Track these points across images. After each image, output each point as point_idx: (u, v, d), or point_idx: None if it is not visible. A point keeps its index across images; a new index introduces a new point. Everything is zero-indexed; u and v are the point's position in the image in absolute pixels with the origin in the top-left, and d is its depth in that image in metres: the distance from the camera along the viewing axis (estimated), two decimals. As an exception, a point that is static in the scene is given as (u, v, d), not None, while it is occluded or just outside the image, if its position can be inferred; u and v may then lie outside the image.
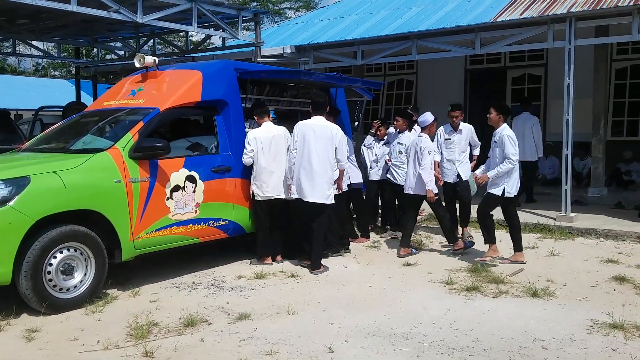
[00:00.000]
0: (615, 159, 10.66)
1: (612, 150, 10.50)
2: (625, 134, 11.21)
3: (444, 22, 9.73)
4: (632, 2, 7.91)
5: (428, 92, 13.56)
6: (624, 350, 4.06)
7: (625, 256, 6.73)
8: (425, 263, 6.59)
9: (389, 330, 4.52)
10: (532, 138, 9.66)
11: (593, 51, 9.96)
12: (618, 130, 11.37)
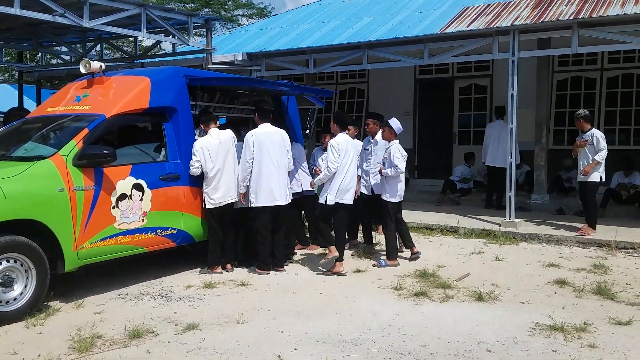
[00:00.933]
0: (556, 166, 11.08)
1: (554, 158, 10.92)
2: (566, 143, 11.65)
3: (394, 33, 9.92)
4: (572, 16, 8.28)
5: (379, 101, 13.74)
6: (564, 352, 4.21)
7: (566, 260, 6.99)
8: (375, 269, 6.67)
9: (339, 336, 4.54)
10: (506, 145, 9.89)
11: (536, 63, 10.34)
12: (559, 139, 11.83)
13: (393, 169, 6.75)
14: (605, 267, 6.57)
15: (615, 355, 4.10)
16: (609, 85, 11.51)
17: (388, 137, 6.98)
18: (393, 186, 6.91)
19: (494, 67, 12.39)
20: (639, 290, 5.66)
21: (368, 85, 14.18)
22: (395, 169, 6.75)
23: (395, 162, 6.74)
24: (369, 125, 7.52)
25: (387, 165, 6.85)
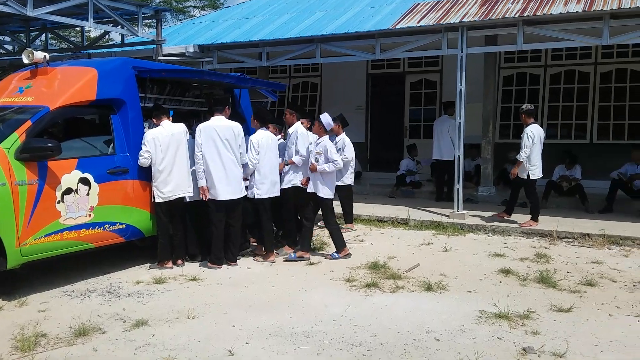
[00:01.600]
0: (503, 160, 11.41)
1: (500, 151, 11.26)
2: (511, 137, 12.04)
3: (347, 27, 9.98)
4: (517, 14, 8.53)
5: (332, 95, 13.83)
6: (508, 339, 4.36)
7: (511, 250, 7.23)
8: (328, 262, 6.72)
9: (291, 329, 4.56)
10: (449, 139, 10.12)
11: (483, 59, 10.60)
12: (505, 133, 12.20)
13: (332, 164, 6.64)
14: (547, 257, 6.84)
15: (557, 341, 4.28)
16: (552, 82, 11.93)
17: (317, 132, 6.83)
18: (329, 182, 6.81)
19: (443, 63, 12.63)
20: (579, 278, 5.91)
21: (321, 79, 14.22)
22: (335, 164, 6.67)
23: (333, 157, 6.64)
24: (286, 115, 7.56)
25: (323, 161, 6.69)
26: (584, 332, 4.47)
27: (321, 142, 6.76)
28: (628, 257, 6.86)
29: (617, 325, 4.63)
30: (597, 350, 4.12)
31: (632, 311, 4.95)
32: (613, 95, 11.42)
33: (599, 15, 8.03)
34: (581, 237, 7.67)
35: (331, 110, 9.69)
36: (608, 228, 7.80)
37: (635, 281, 5.84)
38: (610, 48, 11.13)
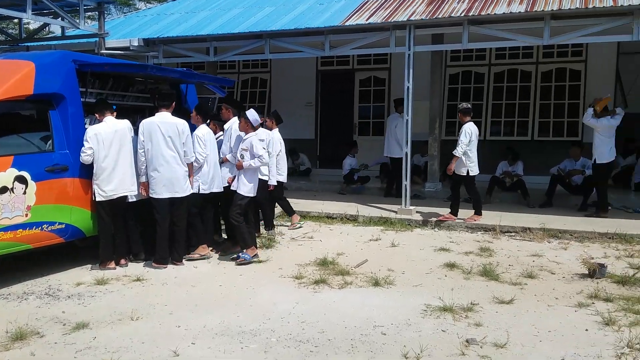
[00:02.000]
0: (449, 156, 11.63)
1: (447, 148, 11.47)
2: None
3: (296, 23, 9.95)
4: (463, 14, 8.72)
5: (281, 91, 13.78)
6: (452, 331, 4.45)
7: (456, 244, 7.39)
8: (277, 259, 6.69)
9: (238, 328, 4.51)
10: (397, 136, 10.23)
11: (430, 57, 10.79)
12: (451, 131, 12.44)
13: (257, 159, 6.42)
14: (490, 250, 7.02)
15: (499, 332, 4.39)
16: (496, 80, 12.27)
17: (244, 128, 6.59)
18: (251, 180, 6.57)
19: (392, 61, 12.78)
20: (520, 271, 6.10)
21: (271, 75, 14.14)
22: (260, 159, 6.44)
23: (258, 152, 6.40)
24: (222, 110, 7.42)
25: (249, 158, 6.47)
26: (524, 323, 4.61)
27: (247, 138, 6.54)
28: (566, 249, 7.13)
29: (555, 316, 4.79)
30: (537, 340, 4.26)
31: (570, 302, 5.14)
32: (553, 94, 11.84)
33: (540, 16, 8.30)
34: (523, 231, 7.92)
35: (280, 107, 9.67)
36: (548, 222, 8.08)
37: (572, 273, 6.07)
38: (551, 48, 11.52)
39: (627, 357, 3.91)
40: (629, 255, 6.73)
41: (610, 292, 5.32)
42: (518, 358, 3.94)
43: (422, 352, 3.99)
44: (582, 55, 11.51)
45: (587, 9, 7.98)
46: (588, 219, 8.46)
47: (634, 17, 7.79)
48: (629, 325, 4.49)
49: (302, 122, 13.49)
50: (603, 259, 6.54)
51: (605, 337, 4.30)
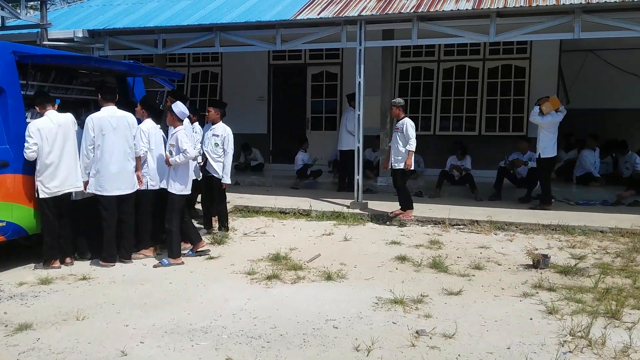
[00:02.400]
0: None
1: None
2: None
3: (247, 17, 9.84)
4: (412, 10, 8.83)
5: (233, 85, 13.62)
6: (403, 323, 4.52)
7: (407, 238, 7.51)
8: (229, 255, 6.62)
9: (188, 326, 4.44)
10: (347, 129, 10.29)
11: (381, 53, 10.89)
12: (402, 126, 12.62)
13: (182, 154, 6.17)
14: (440, 243, 7.17)
15: (447, 323, 4.49)
16: (444, 76, 12.50)
17: (171, 122, 6.35)
18: (183, 176, 6.33)
19: (343, 56, 12.83)
20: (468, 263, 6.25)
21: (222, 68, 13.96)
22: (185, 154, 6.18)
23: (183, 147, 6.16)
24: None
25: (175, 153, 6.23)
26: (472, 313, 4.73)
27: (175, 132, 6.30)
28: (512, 241, 7.35)
29: (501, 306, 4.94)
30: (484, 330, 4.38)
31: (515, 292, 5.31)
32: (499, 90, 12.16)
33: (487, 13, 8.50)
34: (471, 223, 8.12)
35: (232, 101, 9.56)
36: (494, 215, 8.32)
37: (518, 264, 6.26)
38: (497, 45, 11.84)
39: (569, 345, 4.07)
40: (570, 246, 7.00)
41: (554, 281, 5.52)
42: (466, 348, 4.04)
43: (373, 345, 4.04)
44: (526, 53, 11.86)
45: (530, 7, 8.23)
46: (533, 211, 8.75)
47: (574, 15, 8.08)
48: (571, 314, 4.67)
49: (254, 117, 13.39)
50: (547, 250, 6.78)
51: (549, 325, 4.46)
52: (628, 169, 10.82)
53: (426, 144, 11.39)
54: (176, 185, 6.29)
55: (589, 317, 4.53)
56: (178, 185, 6.30)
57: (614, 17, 8.03)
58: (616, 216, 8.27)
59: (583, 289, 5.29)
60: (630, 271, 5.88)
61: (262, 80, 13.55)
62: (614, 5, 7.89)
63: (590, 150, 11.11)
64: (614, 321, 4.50)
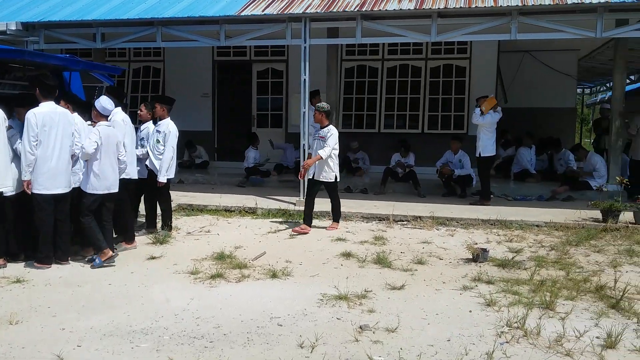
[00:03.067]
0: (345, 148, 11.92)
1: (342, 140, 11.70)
2: (353, 127, 12.64)
3: (190, 11, 9.66)
4: (356, 9, 8.91)
5: (176, 81, 13.36)
6: (347, 318, 4.56)
7: (352, 234, 7.58)
8: (171, 254, 6.49)
9: (128, 328, 4.33)
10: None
11: (326, 51, 10.94)
12: (347, 123, 12.76)
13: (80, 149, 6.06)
14: (384, 239, 7.28)
15: (390, 317, 4.56)
16: (389, 75, 12.68)
17: (96, 117, 6.20)
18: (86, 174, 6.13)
19: (289, 53, 12.81)
20: (411, 258, 6.37)
21: (164, 64, 13.66)
22: (81, 150, 6.03)
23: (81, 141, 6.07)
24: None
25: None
26: (414, 307, 4.83)
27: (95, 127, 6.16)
28: (453, 236, 7.55)
29: (442, 299, 5.06)
30: (425, 323, 4.47)
31: (456, 285, 5.45)
32: (441, 89, 12.45)
33: (428, 13, 8.68)
34: (414, 219, 8.28)
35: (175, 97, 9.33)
36: (436, 211, 8.52)
37: (458, 258, 6.43)
38: (438, 45, 12.11)
39: (506, 336, 4.21)
40: (508, 240, 7.26)
41: (492, 274, 5.70)
42: (408, 341, 4.11)
43: (317, 341, 4.05)
44: (466, 53, 12.19)
45: (470, 8, 8.46)
46: (473, 207, 9.01)
47: (511, 17, 8.36)
48: (508, 306, 4.83)
49: (198, 114, 13.19)
50: (486, 244, 7.00)
51: (487, 317, 4.60)
52: (562, 166, 11.31)
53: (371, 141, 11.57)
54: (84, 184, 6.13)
55: (525, 308, 4.71)
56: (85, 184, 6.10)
57: (548, 19, 8.36)
58: (551, 211, 8.63)
59: (519, 281, 5.48)
60: (564, 263, 6.15)
61: (207, 76, 13.35)
62: (548, 7, 8.22)
63: (526, 147, 11.55)
64: (549, 312, 4.69)
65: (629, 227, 7.67)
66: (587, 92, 25.52)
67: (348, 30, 9.41)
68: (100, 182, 6.07)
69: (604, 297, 5.02)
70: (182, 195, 9.56)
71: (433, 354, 3.91)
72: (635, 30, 8.29)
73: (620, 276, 5.52)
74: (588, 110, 29.24)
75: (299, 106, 10.86)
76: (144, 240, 7.04)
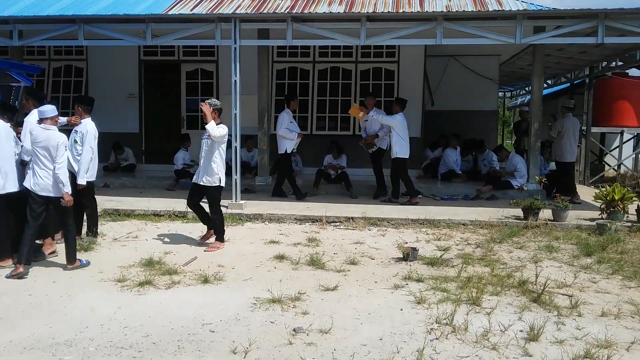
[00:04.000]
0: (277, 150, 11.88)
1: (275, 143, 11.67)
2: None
3: (114, 9, 9.35)
4: (287, 10, 8.90)
5: (100, 81, 12.85)
6: (280, 322, 4.53)
7: (285, 236, 7.56)
8: (97, 262, 6.21)
9: (51, 340, 4.11)
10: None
11: (257, 52, 10.86)
12: (280, 125, 12.70)
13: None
14: (317, 240, 7.30)
15: (324, 319, 4.57)
16: (320, 77, 12.75)
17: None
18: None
19: (219, 53, 12.63)
20: (344, 259, 6.43)
21: (87, 63, 13.10)
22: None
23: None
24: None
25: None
26: (347, 307, 4.87)
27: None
28: (384, 236, 7.68)
29: (375, 298, 5.13)
30: (358, 323, 4.52)
31: (387, 284, 5.54)
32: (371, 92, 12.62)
33: (357, 17, 8.81)
34: (346, 220, 8.36)
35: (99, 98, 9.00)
36: (368, 211, 8.65)
37: (389, 257, 6.55)
38: (368, 48, 12.30)
39: (435, 332, 4.32)
40: (437, 239, 7.47)
41: (422, 273, 5.85)
42: (341, 342, 4.14)
43: (250, 346, 4.00)
44: (395, 57, 12.45)
45: (398, 13, 8.67)
46: (403, 207, 9.21)
47: (437, 22, 8.62)
48: (437, 303, 4.96)
49: (124, 115, 12.75)
50: (415, 243, 7.17)
51: (418, 315, 4.71)
52: (486, 166, 11.79)
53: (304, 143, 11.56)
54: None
55: (453, 304, 4.86)
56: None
57: (471, 25, 8.69)
58: (476, 210, 8.97)
59: (448, 279, 5.65)
60: (489, 260, 6.40)
61: (133, 76, 12.92)
62: (471, 13, 8.55)
63: (452, 149, 11.95)
64: (475, 307, 4.86)
65: (548, 224, 8.10)
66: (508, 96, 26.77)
67: (279, 32, 9.38)
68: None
69: (526, 292, 5.26)
70: (108, 199, 9.20)
71: (366, 354, 3.95)
72: (551, 37, 8.77)
73: (541, 271, 5.81)
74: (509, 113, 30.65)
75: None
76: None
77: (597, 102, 13.23)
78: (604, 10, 8.26)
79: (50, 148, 5.72)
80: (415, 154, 12.32)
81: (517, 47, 12.21)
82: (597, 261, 6.40)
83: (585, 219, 8.37)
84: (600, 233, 7.61)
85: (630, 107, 12.74)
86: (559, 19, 8.67)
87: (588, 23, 8.43)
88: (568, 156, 10.36)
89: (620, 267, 6.13)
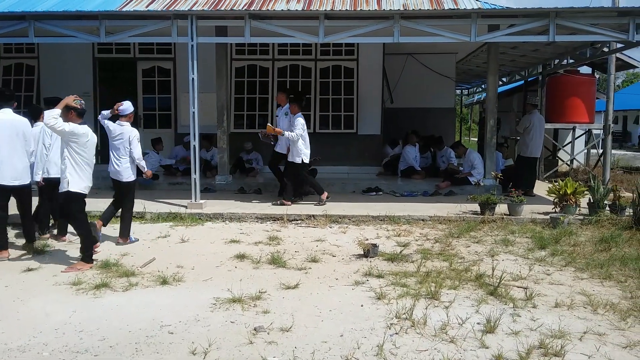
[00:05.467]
0: (238, 149, 11.81)
1: (235, 141, 11.61)
2: (245, 127, 12.53)
3: (66, 5, 9.09)
4: (244, 8, 8.83)
5: (52, 79, 12.47)
6: (241, 321, 4.49)
7: (246, 235, 7.51)
8: (50, 266, 6.04)
9: (3, 345, 3.97)
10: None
11: (215, 49, 10.73)
12: (239, 123, 12.61)
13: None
14: (278, 239, 7.28)
15: (285, 317, 4.56)
16: (280, 74, 12.70)
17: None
18: None
19: (176, 51, 12.43)
20: (305, 256, 6.42)
21: (39, 61, 12.70)
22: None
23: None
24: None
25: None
26: (308, 305, 4.87)
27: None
28: (345, 233, 7.72)
29: (335, 295, 5.15)
30: (319, 320, 4.52)
31: (348, 281, 5.57)
32: (331, 89, 12.67)
33: (316, 15, 8.80)
34: (308, 218, 8.37)
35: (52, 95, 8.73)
36: (329, 209, 8.68)
37: (350, 254, 6.59)
38: (327, 46, 12.32)
39: (395, 327, 4.37)
40: (397, 235, 7.55)
41: (382, 269, 5.90)
42: (302, 339, 4.14)
43: (210, 347, 3.96)
44: (354, 55, 12.51)
45: (355, 11, 8.71)
46: (364, 204, 9.26)
47: (394, 21, 8.70)
48: (397, 298, 5.02)
49: (79, 114, 12.37)
50: (376, 239, 7.23)
51: (378, 310, 4.75)
52: (444, 163, 11.99)
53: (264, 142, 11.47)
54: None
55: (413, 299, 4.92)
56: None
57: (428, 23, 8.80)
58: (435, 205, 9.11)
59: (407, 274, 5.72)
60: (447, 255, 6.51)
61: (87, 74, 12.59)
62: (427, 12, 8.67)
63: (411, 145, 12.09)
64: (434, 301, 4.93)
65: (504, 218, 8.29)
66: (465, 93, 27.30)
67: (237, 29, 9.29)
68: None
69: (483, 285, 5.37)
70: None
71: (327, 350, 3.96)
72: (505, 35, 8.97)
73: (497, 264, 5.95)
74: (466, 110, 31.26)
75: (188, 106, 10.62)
76: (19, 251, 6.50)
77: (549, 99, 13.61)
78: (555, 9, 8.51)
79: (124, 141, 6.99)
80: (375, 151, 12.48)
81: (473, 46, 12.47)
82: (551, 254, 6.59)
83: (540, 213, 8.61)
84: (553, 226, 7.84)
85: (581, 104, 13.14)
86: (512, 18, 8.88)
87: (540, 22, 8.66)
88: (534, 151, 10.71)
89: (572, 259, 6.33)
